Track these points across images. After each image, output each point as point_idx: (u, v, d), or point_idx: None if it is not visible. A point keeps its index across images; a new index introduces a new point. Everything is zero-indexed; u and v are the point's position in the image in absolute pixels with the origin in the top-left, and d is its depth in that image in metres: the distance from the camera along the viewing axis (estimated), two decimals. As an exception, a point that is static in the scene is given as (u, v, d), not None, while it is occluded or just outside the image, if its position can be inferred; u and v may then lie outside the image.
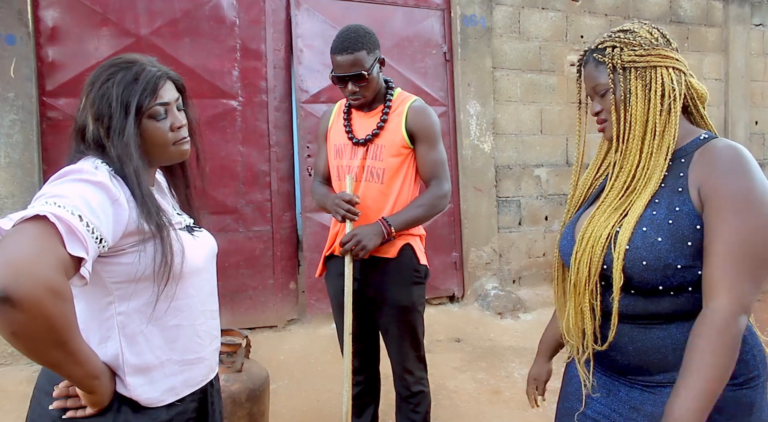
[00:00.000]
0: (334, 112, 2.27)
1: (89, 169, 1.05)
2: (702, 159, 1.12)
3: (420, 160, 2.12)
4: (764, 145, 6.06)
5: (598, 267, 1.14)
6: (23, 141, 3.39)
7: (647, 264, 1.08)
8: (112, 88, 1.11)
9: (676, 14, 5.52)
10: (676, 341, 1.11)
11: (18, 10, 3.39)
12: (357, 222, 2.06)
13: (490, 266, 4.63)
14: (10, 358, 3.32)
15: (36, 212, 0.90)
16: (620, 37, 1.19)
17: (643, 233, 1.10)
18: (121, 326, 1.09)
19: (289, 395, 3.12)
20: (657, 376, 1.14)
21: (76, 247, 0.93)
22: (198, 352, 1.20)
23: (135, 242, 1.08)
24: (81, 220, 0.95)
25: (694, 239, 1.08)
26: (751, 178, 1.05)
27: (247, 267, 3.95)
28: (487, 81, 4.64)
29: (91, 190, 1.00)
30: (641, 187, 1.15)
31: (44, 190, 0.99)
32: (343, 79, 2.03)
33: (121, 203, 1.05)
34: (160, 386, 1.12)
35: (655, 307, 1.12)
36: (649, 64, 1.16)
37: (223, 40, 3.89)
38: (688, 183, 1.11)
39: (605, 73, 1.19)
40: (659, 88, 1.15)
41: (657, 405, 1.11)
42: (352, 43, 1.99)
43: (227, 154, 3.90)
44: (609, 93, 1.19)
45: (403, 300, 2.11)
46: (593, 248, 1.15)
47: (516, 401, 3.07)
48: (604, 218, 1.17)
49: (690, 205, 1.09)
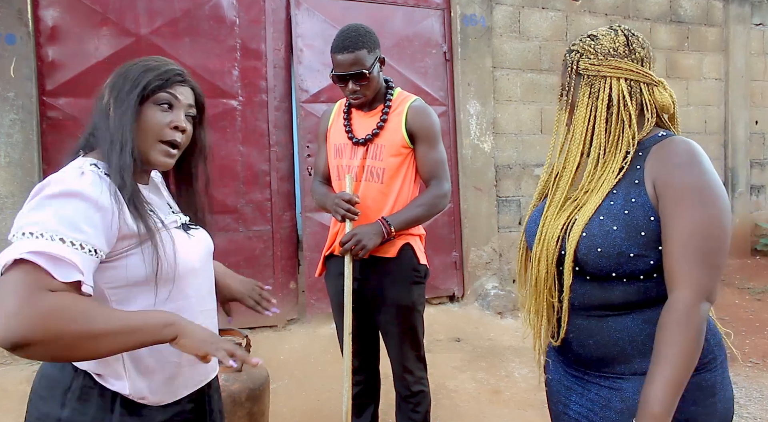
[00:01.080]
0: (333, 111, 2.27)
1: (72, 176, 1.03)
2: (658, 153, 1.16)
3: (420, 160, 2.12)
4: (764, 145, 6.06)
5: (555, 256, 1.21)
6: (23, 140, 3.39)
7: (601, 251, 1.14)
8: (132, 67, 1.16)
9: (676, 14, 5.52)
10: (632, 333, 1.16)
11: (18, 9, 3.39)
12: (357, 222, 2.05)
13: (490, 266, 4.63)
14: (10, 358, 3.32)
15: (12, 258, 0.91)
16: (584, 43, 1.25)
17: (600, 222, 1.15)
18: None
19: (289, 395, 3.12)
20: (618, 367, 1.18)
21: (66, 273, 0.94)
22: None
23: (131, 245, 1.07)
24: (63, 243, 0.95)
25: (647, 229, 1.12)
26: (703, 171, 1.10)
27: (247, 266, 3.95)
28: (487, 81, 4.64)
29: (69, 205, 0.99)
30: (591, 192, 1.21)
31: (20, 218, 0.99)
32: (343, 78, 2.03)
33: (107, 207, 1.03)
34: (159, 387, 1.12)
35: (609, 296, 1.17)
36: (599, 73, 1.21)
37: (223, 39, 3.89)
38: (644, 176, 1.16)
39: (566, 75, 1.27)
40: (606, 97, 1.20)
41: (624, 400, 1.16)
42: (353, 42, 1.99)
43: (227, 154, 3.90)
44: (565, 94, 1.27)
45: (403, 300, 2.11)
46: (551, 238, 1.22)
47: (516, 401, 3.07)
48: (555, 217, 1.24)
49: (645, 196, 1.14)
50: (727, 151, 5.81)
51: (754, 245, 5.93)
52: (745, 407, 3.00)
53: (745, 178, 5.89)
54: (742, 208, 5.85)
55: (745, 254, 5.85)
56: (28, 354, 0.91)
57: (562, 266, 1.21)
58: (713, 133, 5.76)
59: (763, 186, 6.06)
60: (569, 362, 1.29)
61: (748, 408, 2.99)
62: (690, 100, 5.60)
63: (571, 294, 1.21)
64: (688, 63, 5.59)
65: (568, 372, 1.30)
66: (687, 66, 5.58)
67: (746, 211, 5.89)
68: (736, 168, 5.82)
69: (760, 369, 3.47)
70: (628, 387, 1.17)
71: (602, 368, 1.21)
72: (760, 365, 3.52)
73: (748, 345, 3.83)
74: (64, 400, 1.08)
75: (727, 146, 5.81)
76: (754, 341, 3.92)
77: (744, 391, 3.17)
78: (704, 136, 5.67)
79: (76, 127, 3.49)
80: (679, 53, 5.55)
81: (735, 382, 3.27)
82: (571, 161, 1.25)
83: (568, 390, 1.30)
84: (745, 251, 5.85)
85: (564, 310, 1.21)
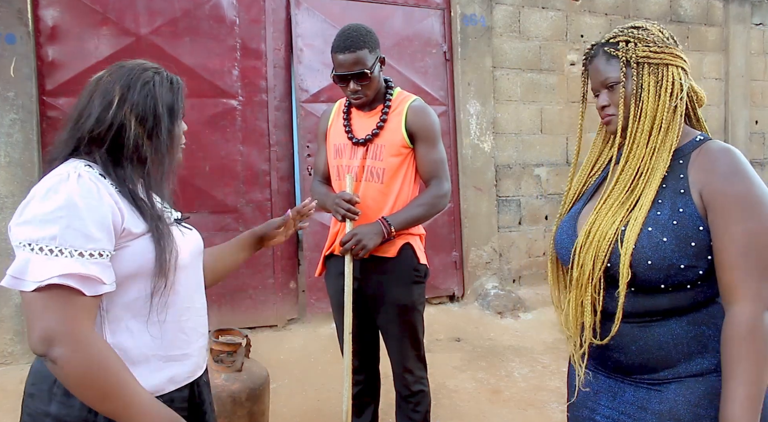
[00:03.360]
0: (333, 111, 2.27)
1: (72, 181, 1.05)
2: (700, 161, 1.14)
3: (420, 160, 2.12)
4: (764, 145, 6.06)
5: (604, 263, 1.15)
6: (23, 140, 3.39)
7: (652, 263, 1.10)
8: (155, 90, 1.17)
9: (677, 13, 5.52)
10: (677, 336, 1.13)
11: (18, 9, 3.38)
12: (357, 222, 2.06)
13: (490, 265, 4.63)
14: (10, 358, 3.33)
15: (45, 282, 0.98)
16: (633, 33, 1.20)
17: (649, 233, 1.11)
18: (107, 321, 1.10)
19: (289, 394, 3.12)
20: (662, 373, 1.14)
21: (93, 288, 1.02)
22: (183, 349, 1.20)
23: (127, 240, 1.10)
24: (82, 257, 1.00)
25: (697, 239, 1.10)
26: (751, 181, 1.09)
27: (247, 266, 3.95)
28: (487, 80, 4.64)
29: (78, 213, 1.02)
30: (644, 183, 1.17)
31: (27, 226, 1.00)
32: (345, 78, 2.03)
33: (110, 208, 1.07)
34: (146, 382, 1.11)
35: (653, 304, 1.14)
36: (663, 61, 1.18)
37: (223, 39, 3.89)
38: (689, 185, 1.13)
39: (617, 66, 1.20)
40: (670, 85, 1.17)
41: (664, 402, 1.13)
42: (354, 42, 1.98)
43: (227, 154, 3.90)
44: (619, 87, 1.20)
45: (403, 300, 2.11)
46: (599, 243, 1.16)
47: (516, 400, 3.07)
48: (610, 214, 1.18)
49: (693, 206, 1.11)
50: (727, 151, 5.80)
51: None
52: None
53: (745, 178, 5.88)
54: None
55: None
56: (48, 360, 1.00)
57: (609, 272, 1.16)
58: (713, 133, 5.65)
59: (763, 186, 6.06)
60: (606, 369, 1.24)
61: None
62: (690, 99, 5.60)
63: (613, 301, 1.16)
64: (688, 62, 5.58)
65: (600, 374, 1.25)
66: (687, 66, 5.58)
67: (746, 210, 5.88)
68: (736, 168, 5.81)
69: None
70: (668, 389, 1.14)
71: (644, 374, 1.17)
72: None
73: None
74: (51, 395, 1.08)
75: (727, 146, 5.80)
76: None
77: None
78: (704, 136, 5.67)
79: (76, 126, 3.48)
80: (680, 53, 5.54)
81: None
82: (637, 154, 1.18)
83: (596, 394, 1.25)
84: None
85: (616, 319, 1.15)
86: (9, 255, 3.31)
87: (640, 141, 1.18)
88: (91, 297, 1.03)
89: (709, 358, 1.13)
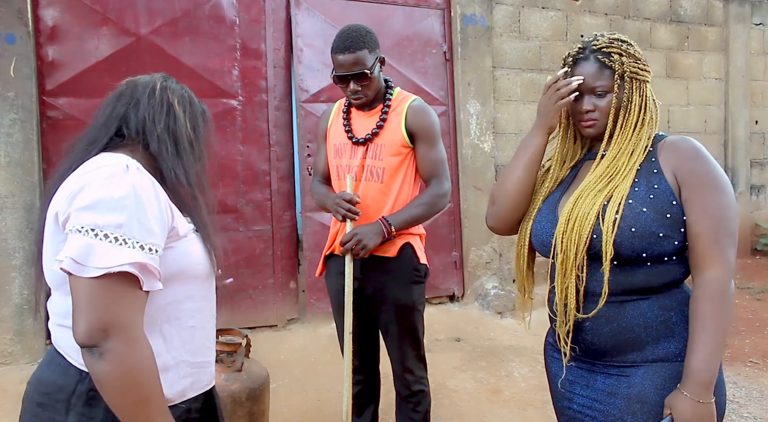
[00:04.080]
0: (333, 111, 2.27)
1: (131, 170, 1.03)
2: (667, 148, 1.28)
3: (420, 159, 2.12)
4: (764, 145, 6.06)
5: (587, 241, 1.24)
6: (23, 140, 3.39)
7: (635, 231, 1.20)
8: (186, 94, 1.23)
9: (676, 13, 5.52)
10: (647, 319, 1.23)
11: (18, 9, 3.38)
12: (357, 222, 2.06)
13: (490, 265, 4.63)
14: (10, 358, 3.32)
15: (115, 269, 0.95)
16: (622, 47, 1.30)
17: (630, 205, 1.23)
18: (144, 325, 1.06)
19: (289, 394, 3.12)
20: (631, 355, 1.24)
21: (152, 282, 1.00)
22: (207, 356, 1.20)
23: (173, 240, 1.09)
24: (143, 249, 0.98)
25: (671, 212, 1.22)
26: (713, 163, 1.24)
27: (247, 266, 3.95)
28: (488, 80, 4.64)
29: (142, 203, 1.00)
30: (622, 176, 1.28)
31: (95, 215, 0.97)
32: (345, 79, 2.03)
33: (165, 202, 1.07)
34: (173, 387, 1.10)
35: (631, 280, 1.24)
36: (644, 78, 1.32)
37: (223, 39, 3.89)
38: (661, 166, 1.26)
39: (611, 77, 1.30)
40: (649, 100, 1.32)
41: (632, 386, 1.23)
42: (354, 42, 1.99)
43: (227, 154, 3.90)
44: (610, 96, 1.30)
45: (403, 299, 2.11)
46: (582, 224, 1.25)
47: (516, 400, 3.07)
48: (590, 199, 1.27)
49: (666, 183, 1.24)
50: (727, 151, 5.81)
51: (754, 245, 5.93)
52: (746, 407, 3.00)
53: (745, 178, 5.89)
54: (742, 208, 5.85)
55: (745, 254, 5.85)
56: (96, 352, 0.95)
57: (592, 251, 1.25)
58: (713, 133, 5.76)
59: (763, 186, 6.06)
60: (578, 354, 1.31)
61: (748, 407, 2.99)
62: (690, 99, 5.60)
63: (594, 281, 1.25)
64: (688, 62, 5.59)
65: (574, 365, 1.33)
66: (687, 66, 5.58)
67: (746, 210, 5.89)
68: (736, 168, 5.82)
69: (760, 369, 3.47)
70: (636, 373, 1.22)
71: (614, 356, 1.25)
72: (760, 365, 3.52)
73: (748, 345, 3.83)
74: (69, 406, 1.03)
75: (727, 146, 5.81)
76: (754, 341, 3.92)
77: (744, 391, 3.17)
78: (704, 136, 5.67)
79: (76, 126, 3.48)
80: (679, 53, 5.54)
81: (735, 382, 3.27)
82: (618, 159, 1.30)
83: (572, 384, 1.33)
84: (745, 251, 5.85)
85: (603, 293, 1.24)
86: (9, 255, 3.31)
87: (625, 148, 1.30)
88: (145, 292, 1.00)
89: (675, 343, 1.22)
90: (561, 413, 1.39)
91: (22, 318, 3.34)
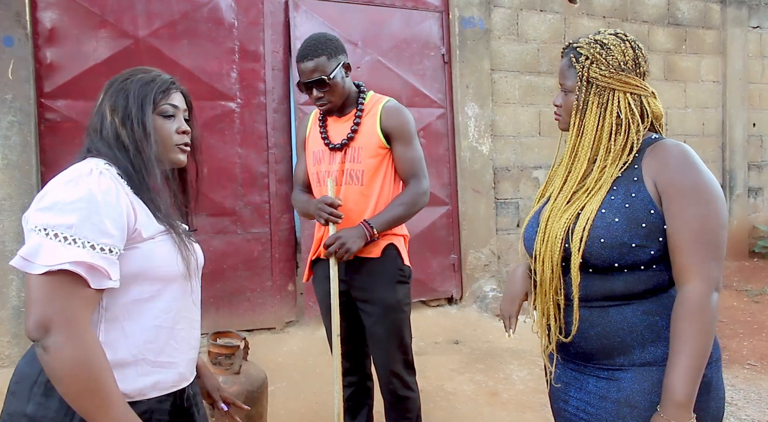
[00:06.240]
0: (310, 119, 2.31)
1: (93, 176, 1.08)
2: (654, 154, 1.23)
3: (397, 159, 2.14)
4: (762, 147, 6.07)
5: (561, 250, 1.24)
6: (21, 143, 3.39)
7: (604, 241, 1.19)
8: (129, 85, 1.22)
9: (674, 16, 5.53)
10: (632, 324, 1.22)
11: (16, 11, 3.38)
12: (340, 225, 2.07)
13: (488, 268, 4.63)
14: (7, 360, 3.32)
15: (56, 267, 0.99)
16: (595, 50, 1.27)
17: (602, 214, 1.21)
18: (104, 320, 1.10)
19: (287, 397, 3.11)
20: (618, 359, 1.23)
21: (99, 282, 1.04)
22: (172, 357, 1.20)
23: (137, 242, 1.12)
24: (94, 249, 1.02)
25: (648, 221, 1.19)
26: (701, 171, 1.19)
27: (245, 269, 3.95)
28: (486, 83, 4.65)
29: (97, 206, 1.05)
30: (593, 192, 1.26)
31: (46, 213, 1.03)
32: (307, 86, 2.08)
33: (126, 205, 1.10)
34: (131, 385, 1.12)
35: (611, 286, 1.22)
36: (609, 85, 1.26)
37: (221, 41, 3.89)
38: (642, 174, 1.22)
39: (575, 77, 1.29)
40: (614, 109, 1.26)
41: (621, 391, 1.22)
42: (312, 50, 2.04)
43: (225, 156, 3.90)
44: (572, 95, 1.30)
45: (388, 299, 2.11)
46: (553, 241, 1.26)
47: (514, 403, 3.06)
48: (558, 217, 1.28)
49: (645, 192, 1.20)
50: (725, 154, 5.82)
51: (752, 247, 5.94)
52: (744, 409, 3.00)
53: (743, 181, 5.90)
54: (740, 211, 5.86)
55: (743, 256, 5.86)
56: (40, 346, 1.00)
57: (566, 263, 1.25)
58: (711, 136, 5.77)
59: (760, 188, 6.07)
60: (569, 356, 1.32)
61: (746, 410, 2.99)
62: (688, 102, 5.62)
63: (571, 288, 1.25)
64: (685, 65, 5.60)
65: (567, 367, 1.34)
66: (685, 68, 5.60)
67: (744, 213, 5.90)
68: (734, 170, 5.83)
69: (758, 371, 3.47)
70: (625, 378, 1.22)
71: (602, 360, 1.25)
72: (758, 367, 3.52)
73: (746, 348, 3.84)
74: (30, 395, 1.08)
75: (725, 148, 5.82)
76: (752, 343, 3.92)
77: (742, 393, 3.18)
78: (702, 139, 5.68)
79: (74, 129, 3.48)
80: (677, 56, 5.56)
81: (733, 384, 3.27)
82: (578, 166, 1.30)
83: (566, 386, 1.34)
84: (742, 253, 5.86)
85: (575, 308, 1.24)
86: (6, 257, 3.31)
87: (582, 155, 1.28)
88: (95, 290, 1.04)
89: (662, 348, 1.20)
90: (557, 414, 1.40)
91: (19, 320, 3.33)
